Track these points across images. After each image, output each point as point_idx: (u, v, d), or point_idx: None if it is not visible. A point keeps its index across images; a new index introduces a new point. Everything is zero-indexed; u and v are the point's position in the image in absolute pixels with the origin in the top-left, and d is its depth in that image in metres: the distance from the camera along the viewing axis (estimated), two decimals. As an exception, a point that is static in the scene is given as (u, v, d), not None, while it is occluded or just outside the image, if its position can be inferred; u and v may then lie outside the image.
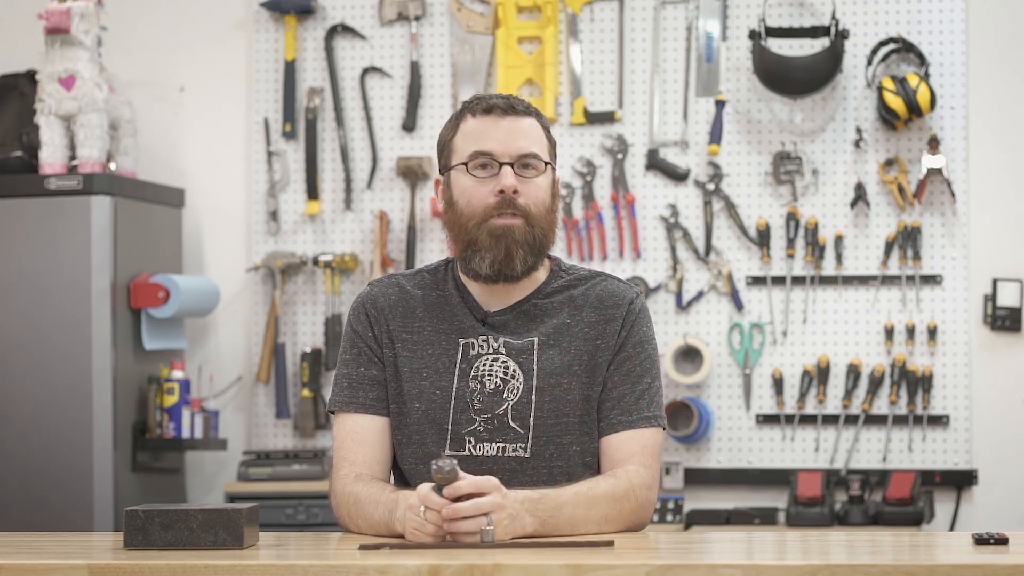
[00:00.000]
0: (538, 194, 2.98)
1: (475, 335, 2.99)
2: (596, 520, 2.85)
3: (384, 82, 5.66)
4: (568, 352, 2.98)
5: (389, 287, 3.07)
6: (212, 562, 2.47)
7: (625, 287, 3.05)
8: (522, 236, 2.95)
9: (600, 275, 3.07)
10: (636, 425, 2.96)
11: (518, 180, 2.96)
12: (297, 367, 5.63)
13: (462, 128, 3.00)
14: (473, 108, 3.00)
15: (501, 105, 2.98)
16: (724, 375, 5.47)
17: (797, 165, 5.43)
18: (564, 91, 5.56)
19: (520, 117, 2.99)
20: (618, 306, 3.01)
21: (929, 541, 2.86)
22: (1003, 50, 5.40)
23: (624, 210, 5.51)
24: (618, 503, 2.88)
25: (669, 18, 5.53)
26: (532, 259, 2.97)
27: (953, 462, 5.35)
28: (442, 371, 2.98)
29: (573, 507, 2.82)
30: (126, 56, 5.68)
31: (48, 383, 5.17)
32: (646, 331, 3.02)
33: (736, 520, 5.31)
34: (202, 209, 5.74)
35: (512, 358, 2.96)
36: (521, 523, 2.74)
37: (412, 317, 3.03)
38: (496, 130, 2.97)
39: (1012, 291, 5.34)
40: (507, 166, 2.96)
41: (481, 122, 2.98)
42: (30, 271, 5.20)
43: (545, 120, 3.05)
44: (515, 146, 2.97)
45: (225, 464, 5.65)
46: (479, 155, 2.97)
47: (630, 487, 2.90)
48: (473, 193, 2.97)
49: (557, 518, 2.79)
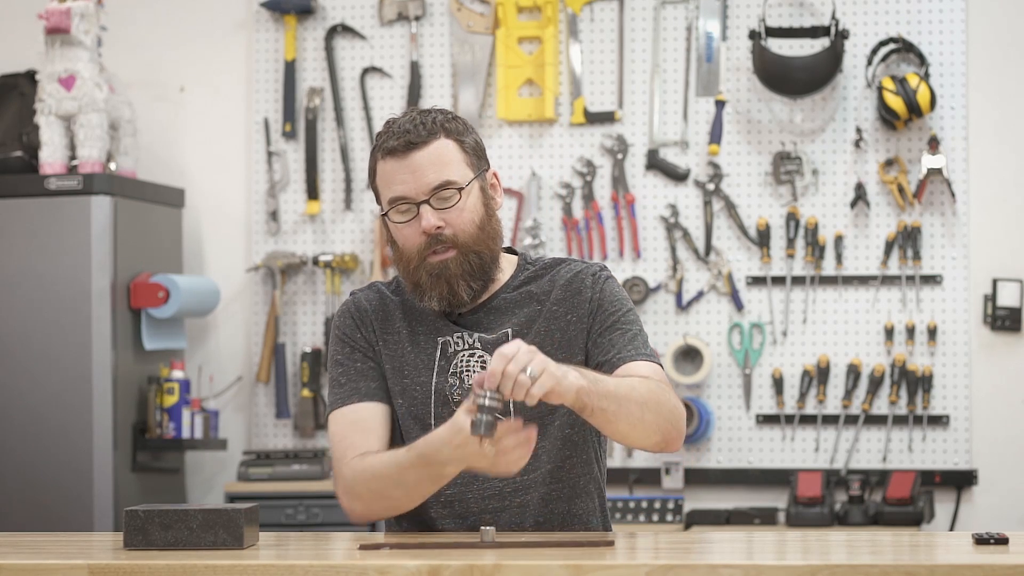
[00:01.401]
0: (463, 218, 2.96)
1: (451, 333, 3.01)
2: (638, 401, 2.81)
3: (384, 82, 5.66)
4: (540, 334, 2.98)
5: (370, 293, 3.09)
6: (212, 562, 2.47)
7: (587, 264, 3.05)
8: (458, 268, 2.95)
9: (563, 260, 3.07)
10: (637, 359, 2.95)
11: (439, 213, 2.94)
12: (297, 367, 5.63)
13: (378, 171, 2.98)
14: (381, 149, 2.97)
15: (400, 146, 2.93)
16: (724, 375, 5.47)
17: (797, 165, 5.43)
18: (564, 91, 5.56)
19: (423, 148, 2.94)
20: (582, 280, 3.01)
21: (929, 541, 2.85)
22: (1003, 50, 5.40)
23: (624, 210, 5.51)
24: (654, 395, 2.85)
25: (669, 18, 5.53)
26: (477, 283, 2.98)
27: (953, 462, 5.35)
28: (421, 368, 3.00)
29: (615, 382, 2.81)
30: (126, 56, 5.68)
31: (48, 383, 5.17)
32: (618, 291, 3.02)
33: (736, 520, 5.31)
34: (202, 209, 5.73)
35: (488, 352, 2.97)
36: (570, 375, 2.71)
37: (391, 320, 3.05)
38: (403, 171, 2.94)
39: (1012, 291, 5.34)
40: (424, 205, 2.94)
41: (389, 165, 2.96)
42: (30, 271, 5.20)
43: (458, 128, 2.99)
44: (424, 182, 2.93)
45: (225, 464, 5.65)
46: (395, 200, 2.95)
47: (660, 388, 2.88)
48: (404, 236, 2.97)
49: (602, 384, 2.76)
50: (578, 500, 3.01)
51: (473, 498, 2.96)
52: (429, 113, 2.98)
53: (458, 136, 2.98)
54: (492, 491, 2.96)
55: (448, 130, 2.97)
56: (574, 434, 2.98)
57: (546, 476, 2.96)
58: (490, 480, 2.94)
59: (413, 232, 2.95)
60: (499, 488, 2.95)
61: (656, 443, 2.87)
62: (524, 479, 2.95)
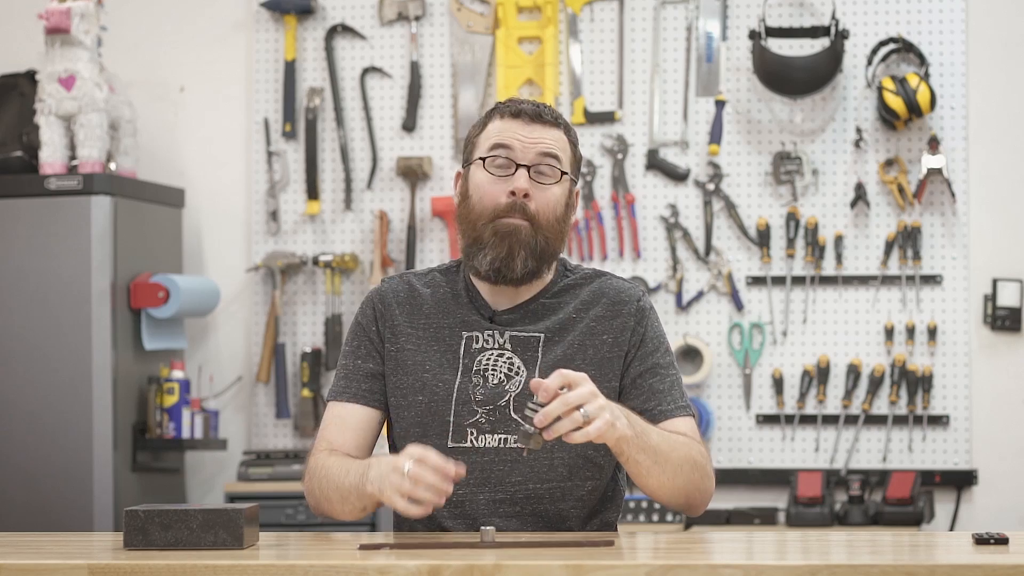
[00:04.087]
0: (549, 201, 2.98)
1: (480, 329, 3.01)
2: (675, 462, 2.84)
3: (384, 82, 5.66)
4: (572, 345, 2.99)
5: (399, 284, 3.09)
6: (212, 562, 2.47)
7: (630, 285, 3.09)
8: (527, 238, 2.96)
9: (604, 274, 3.09)
10: (676, 414, 2.98)
11: (532, 185, 2.97)
12: (297, 367, 5.63)
13: (488, 127, 3.03)
14: (503, 110, 3.03)
15: (529, 111, 3.01)
16: (724, 375, 5.47)
17: (797, 165, 5.43)
18: (564, 91, 5.56)
19: (547, 127, 3.01)
20: (625, 303, 3.04)
21: (929, 541, 2.85)
22: (1003, 50, 5.41)
23: (624, 210, 5.51)
24: (692, 460, 2.89)
25: (669, 18, 5.53)
26: (533, 263, 2.98)
27: (953, 462, 5.35)
28: (445, 365, 2.99)
29: (659, 436, 2.84)
30: (126, 56, 5.68)
31: (48, 383, 5.17)
32: (659, 328, 3.07)
33: (736, 520, 5.31)
34: (202, 209, 5.74)
35: (518, 354, 2.98)
36: (619, 424, 2.74)
37: (418, 313, 3.05)
38: (522, 131, 2.99)
39: (1012, 291, 5.34)
40: (523, 168, 2.97)
41: (508, 123, 3.00)
42: (30, 271, 5.20)
43: (574, 135, 3.07)
44: (535, 149, 2.98)
45: (225, 464, 5.65)
46: (499, 147, 2.98)
47: (700, 453, 2.92)
48: (486, 190, 2.98)
49: (646, 438, 2.80)
50: (591, 518, 3.01)
51: (484, 500, 2.95)
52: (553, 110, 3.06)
53: (573, 140, 3.06)
54: (504, 495, 2.95)
55: (568, 129, 3.06)
56: (598, 456, 2.98)
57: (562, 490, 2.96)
58: (503, 484, 2.94)
59: (499, 189, 2.97)
60: (511, 493, 2.95)
61: (679, 505, 2.93)
62: (538, 488, 2.94)
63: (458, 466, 2.74)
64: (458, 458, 2.84)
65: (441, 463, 2.72)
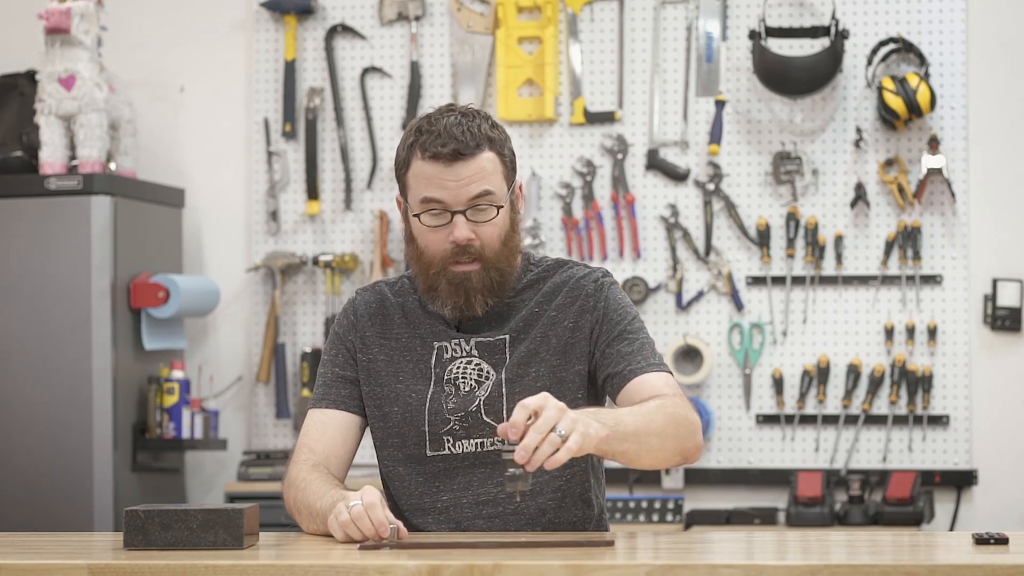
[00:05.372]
0: (493, 234, 2.94)
1: (448, 339, 3.00)
2: (657, 432, 2.77)
3: (384, 82, 5.66)
4: (535, 339, 2.98)
5: (371, 295, 3.09)
6: (212, 562, 2.47)
7: (590, 269, 3.04)
8: (479, 282, 2.94)
9: (565, 263, 3.06)
10: (648, 371, 2.92)
11: (472, 225, 2.92)
12: (297, 367, 5.63)
13: (415, 168, 2.94)
14: (422, 148, 2.92)
15: (447, 154, 2.89)
16: (724, 375, 5.47)
17: (797, 165, 5.43)
18: (564, 91, 5.56)
19: (469, 159, 2.91)
20: (583, 286, 3.00)
21: (929, 541, 2.85)
22: (1003, 50, 5.40)
23: (624, 210, 5.51)
24: (672, 418, 2.81)
25: (669, 18, 5.53)
26: (492, 299, 2.97)
27: (953, 462, 5.35)
28: (417, 375, 3.00)
29: (632, 416, 2.76)
30: (126, 56, 5.68)
31: (48, 383, 5.17)
32: (621, 297, 3.01)
33: (736, 520, 5.31)
34: (202, 209, 5.74)
35: (485, 359, 2.98)
36: (592, 429, 2.66)
37: (390, 324, 3.05)
38: (445, 177, 2.90)
39: (1012, 291, 5.34)
40: (459, 215, 2.92)
41: (430, 167, 2.92)
42: (30, 271, 5.20)
43: (500, 140, 2.96)
44: (466, 193, 2.91)
45: (225, 464, 5.65)
46: (429, 201, 2.92)
47: (675, 405, 2.84)
48: (429, 240, 2.94)
49: (622, 427, 2.73)
50: (575, 509, 3.00)
51: (468, 504, 2.96)
52: (474, 119, 2.94)
53: (500, 148, 2.96)
54: (486, 497, 2.96)
55: (492, 140, 2.94)
56: None
57: (543, 486, 2.96)
58: (485, 486, 2.95)
59: (441, 238, 2.93)
60: (493, 495, 2.95)
61: (676, 463, 2.87)
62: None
63: (400, 532, 2.70)
64: (439, 465, 2.92)
65: (379, 523, 2.68)
